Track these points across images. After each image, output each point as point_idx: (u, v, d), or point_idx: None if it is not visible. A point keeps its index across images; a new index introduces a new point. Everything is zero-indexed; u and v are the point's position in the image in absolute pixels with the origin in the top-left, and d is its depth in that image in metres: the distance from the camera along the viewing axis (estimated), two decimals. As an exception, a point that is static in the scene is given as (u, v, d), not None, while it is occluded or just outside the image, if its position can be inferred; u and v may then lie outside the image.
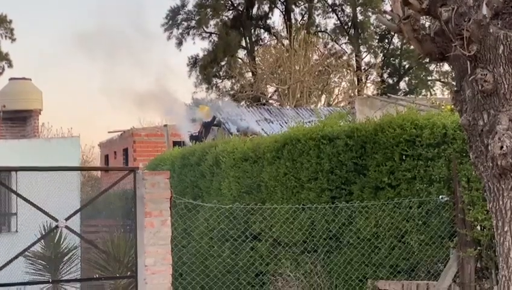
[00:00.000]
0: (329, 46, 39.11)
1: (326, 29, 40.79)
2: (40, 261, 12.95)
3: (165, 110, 23.25)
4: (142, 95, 25.44)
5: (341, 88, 33.68)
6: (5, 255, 6.80)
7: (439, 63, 29.26)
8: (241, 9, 40.20)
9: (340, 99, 32.67)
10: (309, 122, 15.30)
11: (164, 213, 6.87)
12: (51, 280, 12.23)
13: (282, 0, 40.21)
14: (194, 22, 40.07)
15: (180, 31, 40.16)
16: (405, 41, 29.75)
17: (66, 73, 48.63)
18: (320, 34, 39.20)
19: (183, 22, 40.21)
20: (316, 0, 40.10)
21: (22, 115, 21.53)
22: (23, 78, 22.12)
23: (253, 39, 40.18)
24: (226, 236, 10.35)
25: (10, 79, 22.60)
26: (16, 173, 11.18)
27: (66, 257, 13.23)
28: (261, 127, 20.96)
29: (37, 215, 6.54)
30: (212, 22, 40.02)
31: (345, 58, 37.51)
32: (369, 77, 39.51)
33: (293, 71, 30.02)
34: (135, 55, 37.51)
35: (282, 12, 40.40)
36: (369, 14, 39.33)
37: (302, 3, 40.76)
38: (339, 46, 40.31)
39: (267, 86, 33.34)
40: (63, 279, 12.66)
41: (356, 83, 34.95)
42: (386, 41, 40.77)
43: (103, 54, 37.46)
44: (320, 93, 32.69)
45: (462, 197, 8.02)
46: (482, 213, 7.74)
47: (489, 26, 4.44)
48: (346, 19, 40.94)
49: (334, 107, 27.16)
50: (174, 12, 40.03)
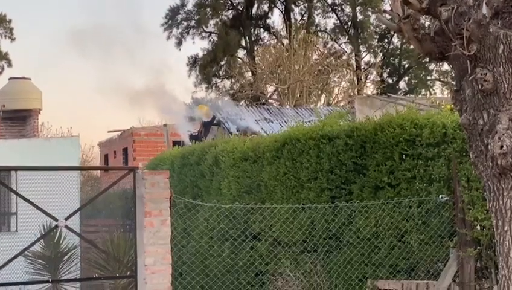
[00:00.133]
0: (329, 45, 39.18)
1: (326, 28, 40.84)
2: (39, 260, 12.95)
3: (162, 109, 23.24)
4: (141, 94, 25.41)
5: (341, 88, 33.75)
6: (5, 254, 6.80)
7: (439, 63, 29.26)
8: (240, 9, 40.19)
9: (339, 99, 32.69)
10: (309, 121, 15.33)
11: (164, 213, 6.87)
12: (50, 280, 12.21)
13: (282, -1, 40.29)
14: (193, 21, 40.07)
15: (179, 31, 40.20)
16: (405, 40, 29.76)
17: (66, 72, 48.70)
18: (319, 33, 39.19)
19: (183, 22, 40.21)
20: (316, -1, 40.17)
21: (22, 114, 21.53)
22: (23, 78, 22.12)
23: (252, 39, 40.17)
24: (225, 236, 10.34)
25: (10, 78, 22.61)
26: (16, 173, 11.20)
27: (66, 257, 13.22)
28: (260, 127, 20.94)
29: (36, 214, 6.53)
30: (211, 22, 40.06)
31: (344, 57, 37.56)
32: (369, 76, 39.55)
33: (293, 71, 30.02)
34: (134, 55, 37.59)
35: (281, 12, 40.41)
36: (369, 13, 39.35)
37: (302, 2, 40.77)
38: (339, 45, 40.36)
39: (267, 86, 33.36)
40: (62, 278, 12.65)
41: (356, 82, 34.96)
42: (386, 40, 40.76)
43: (103, 54, 37.45)
44: (319, 92, 32.70)
45: (462, 196, 8.02)
46: (482, 213, 7.73)
47: (489, 25, 4.43)
48: (345, 18, 40.96)
49: (334, 106, 27.16)
50: (173, 12, 40.02)
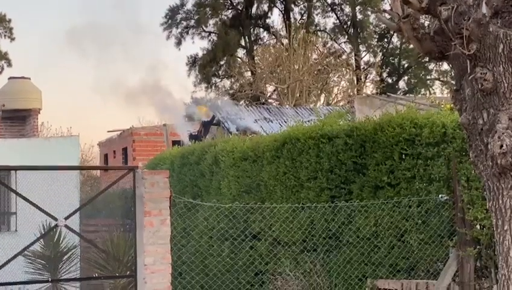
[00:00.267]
0: (329, 45, 39.15)
1: (326, 28, 40.83)
2: (39, 260, 12.95)
3: (161, 108, 23.27)
4: (140, 92, 25.45)
5: (340, 87, 33.75)
6: (5, 254, 6.80)
7: (439, 62, 29.24)
8: (240, 9, 40.18)
9: (339, 99, 32.70)
10: (308, 121, 15.32)
11: (163, 212, 6.87)
12: (50, 279, 12.22)
13: (281, -1, 40.28)
14: (193, 21, 40.07)
15: (179, 30, 40.19)
16: (404, 40, 29.76)
17: (66, 72, 48.65)
18: (319, 33, 39.19)
19: (183, 21, 40.21)
20: (315, -1, 40.15)
21: (21, 114, 21.51)
22: (23, 77, 22.11)
23: (252, 38, 40.17)
24: (225, 235, 10.34)
25: (9, 78, 22.58)
26: (16, 172, 11.18)
27: (66, 256, 13.23)
28: (260, 126, 20.95)
29: (36, 214, 6.54)
30: (211, 21, 40.05)
31: (344, 57, 37.54)
32: (369, 76, 39.57)
33: (292, 70, 30.01)
34: (134, 54, 37.54)
35: (281, 11, 40.40)
36: (369, 13, 39.35)
37: (301, 2, 40.78)
38: (338, 45, 40.35)
39: (267, 85, 33.36)
40: (62, 278, 12.65)
41: (355, 82, 34.96)
42: (386, 40, 40.75)
43: (103, 54, 37.47)
44: (319, 92, 32.70)
45: (462, 196, 8.01)
46: (482, 212, 7.73)
47: (489, 25, 4.43)
48: (345, 18, 40.95)
49: (334, 106, 27.17)
50: (173, 11, 40.02)
